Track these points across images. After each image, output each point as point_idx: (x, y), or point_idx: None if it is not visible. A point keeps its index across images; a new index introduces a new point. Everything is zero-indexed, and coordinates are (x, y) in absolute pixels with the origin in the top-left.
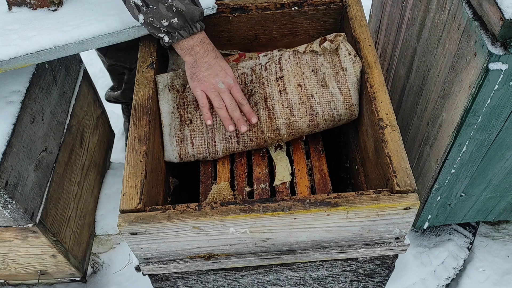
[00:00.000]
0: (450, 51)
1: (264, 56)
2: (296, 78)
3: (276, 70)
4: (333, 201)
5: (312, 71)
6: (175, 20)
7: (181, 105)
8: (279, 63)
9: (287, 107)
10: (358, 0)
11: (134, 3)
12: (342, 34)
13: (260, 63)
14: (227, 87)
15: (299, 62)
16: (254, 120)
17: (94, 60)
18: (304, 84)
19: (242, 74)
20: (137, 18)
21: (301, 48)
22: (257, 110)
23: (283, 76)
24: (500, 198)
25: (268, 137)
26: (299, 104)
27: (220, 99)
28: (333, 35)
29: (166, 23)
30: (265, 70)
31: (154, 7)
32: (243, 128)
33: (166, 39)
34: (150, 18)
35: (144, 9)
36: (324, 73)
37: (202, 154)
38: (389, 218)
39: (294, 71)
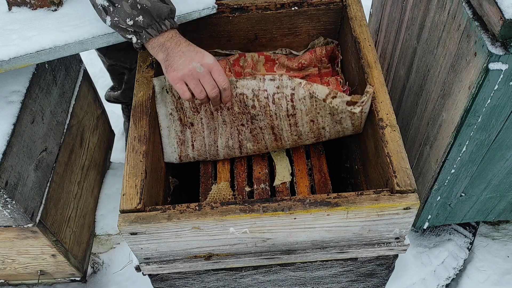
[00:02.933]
0: (450, 51)
1: (270, 80)
2: (310, 116)
3: (287, 108)
4: (333, 201)
5: (329, 113)
6: (140, 18)
7: (179, 109)
8: (292, 101)
9: (295, 135)
10: (358, 0)
11: (101, 5)
12: (371, 89)
13: (266, 90)
14: (207, 68)
15: (317, 107)
16: (228, 105)
17: (94, 60)
18: (317, 120)
19: (240, 94)
20: (105, 21)
21: (321, 91)
22: (263, 134)
23: (295, 114)
24: (500, 198)
25: (272, 149)
26: (308, 133)
27: (200, 88)
28: (365, 101)
29: (130, 22)
30: (273, 103)
31: (119, 6)
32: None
33: (134, 39)
34: (116, 19)
35: (111, 9)
36: (341, 117)
37: (202, 156)
38: (389, 218)
39: (308, 111)
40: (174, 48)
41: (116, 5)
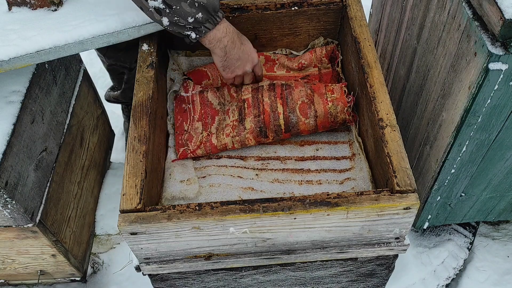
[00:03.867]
0: (450, 51)
1: None
2: None
3: None
4: (333, 201)
5: None
6: (200, 14)
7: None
8: None
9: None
10: (358, 0)
11: (154, 7)
12: None
13: None
14: (252, 68)
15: None
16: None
17: (94, 60)
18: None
19: None
20: (160, 22)
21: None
22: None
23: None
24: (500, 198)
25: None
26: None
27: (241, 80)
28: None
29: (191, 20)
30: None
31: (178, 7)
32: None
33: (193, 35)
34: (176, 18)
35: (167, 10)
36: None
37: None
38: (389, 218)
39: None
40: (231, 50)
41: (174, 7)
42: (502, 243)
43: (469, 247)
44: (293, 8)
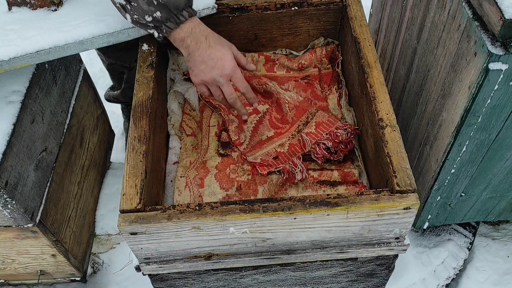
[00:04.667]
0: (450, 51)
1: None
2: None
3: None
4: (333, 201)
5: None
6: (158, 13)
7: None
8: None
9: None
10: (358, 0)
11: (119, 3)
12: None
13: None
14: (226, 78)
15: None
16: (255, 105)
17: (94, 60)
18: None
19: None
20: (125, 18)
21: None
22: None
23: None
24: (500, 198)
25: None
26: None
27: (219, 92)
28: None
29: (149, 18)
30: None
31: (135, 4)
32: (244, 117)
33: (156, 34)
34: (136, 16)
35: (128, 7)
36: None
37: None
38: (389, 218)
39: None
40: (194, 51)
41: (132, 3)
42: (502, 243)
43: (469, 247)
44: (293, 8)
